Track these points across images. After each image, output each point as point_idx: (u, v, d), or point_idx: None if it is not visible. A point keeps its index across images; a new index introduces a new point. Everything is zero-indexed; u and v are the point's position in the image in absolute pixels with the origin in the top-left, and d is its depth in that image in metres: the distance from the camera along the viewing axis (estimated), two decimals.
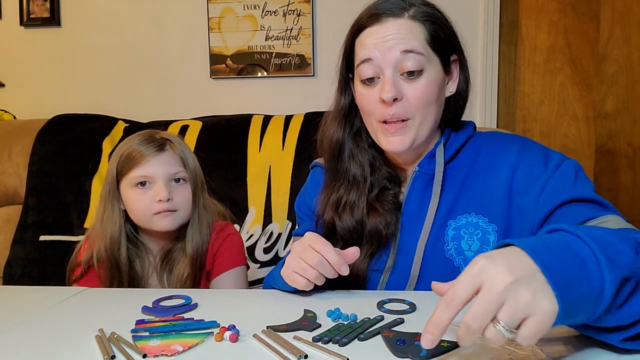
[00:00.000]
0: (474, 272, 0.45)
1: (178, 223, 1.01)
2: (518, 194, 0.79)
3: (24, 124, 1.78)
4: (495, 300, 0.42)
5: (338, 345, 0.56)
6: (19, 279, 1.50)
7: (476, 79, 1.98)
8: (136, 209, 0.99)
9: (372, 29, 0.80)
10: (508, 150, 0.83)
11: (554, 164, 0.78)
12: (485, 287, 0.43)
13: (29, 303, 0.75)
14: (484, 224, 0.80)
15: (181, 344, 0.57)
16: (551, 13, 2.02)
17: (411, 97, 0.78)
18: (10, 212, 1.65)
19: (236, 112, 1.77)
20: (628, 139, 2.03)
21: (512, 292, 0.42)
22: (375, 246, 0.85)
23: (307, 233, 0.75)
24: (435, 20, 0.81)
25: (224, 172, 1.57)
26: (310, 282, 0.72)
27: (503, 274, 0.43)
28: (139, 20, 2.10)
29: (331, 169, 0.91)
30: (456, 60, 0.85)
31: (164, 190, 0.97)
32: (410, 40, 0.78)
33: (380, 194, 0.86)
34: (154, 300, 0.74)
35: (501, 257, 0.45)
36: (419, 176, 0.85)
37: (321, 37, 2.02)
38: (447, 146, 0.86)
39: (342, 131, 0.89)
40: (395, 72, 0.78)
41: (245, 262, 1.10)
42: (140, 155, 0.98)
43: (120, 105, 2.09)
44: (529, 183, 0.78)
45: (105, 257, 0.98)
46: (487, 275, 0.44)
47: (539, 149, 0.82)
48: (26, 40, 2.15)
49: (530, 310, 0.42)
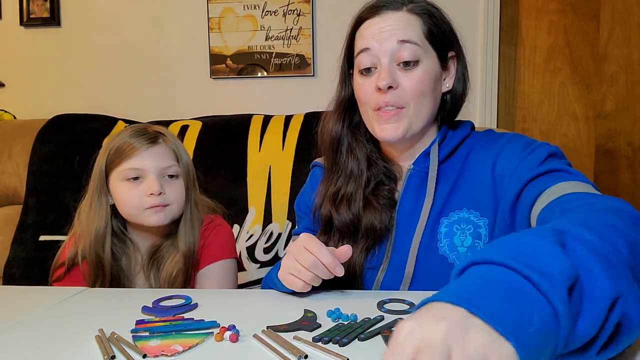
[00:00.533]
0: (400, 339, 0.36)
1: (170, 218, 0.98)
2: (500, 183, 0.79)
3: (24, 124, 1.77)
4: (439, 352, 0.33)
5: (338, 345, 0.56)
6: (19, 279, 1.50)
7: (476, 79, 1.98)
8: (126, 202, 0.96)
9: (372, 21, 0.82)
10: (494, 144, 0.84)
11: (530, 148, 0.78)
12: (422, 347, 0.34)
13: (29, 303, 0.75)
14: (476, 218, 0.80)
15: (181, 344, 0.57)
16: (551, 13, 2.02)
17: (406, 86, 0.80)
18: (10, 212, 1.65)
19: (236, 112, 1.77)
20: (628, 139, 2.03)
21: (456, 337, 0.34)
22: (371, 241, 0.85)
23: (302, 234, 0.76)
24: (433, 15, 0.83)
25: (224, 172, 1.57)
26: (306, 284, 0.73)
27: (435, 324, 0.35)
28: (139, 20, 2.10)
29: (330, 161, 0.92)
30: (454, 56, 0.87)
31: (155, 183, 0.94)
32: (407, 31, 0.80)
33: (376, 189, 0.87)
34: (154, 300, 0.74)
35: (425, 313, 0.37)
36: (414, 174, 0.86)
37: (321, 37, 2.02)
38: (443, 145, 0.86)
39: (342, 124, 0.91)
40: (391, 62, 0.81)
41: (234, 255, 1.06)
42: (131, 148, 0.95)
43: (120, 105, 2.09)
44: (506, 169, 0.78)
45: (89, 253, 0.95)
46: (419, 335, 0.35)
47: (525, 139, 0.82)
48: (26, 40, 2.15)
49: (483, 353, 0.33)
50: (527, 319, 0.36)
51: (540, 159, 0.74)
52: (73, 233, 1.01)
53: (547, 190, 0.68)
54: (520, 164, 0.76)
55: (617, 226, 0.48)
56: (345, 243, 0.84)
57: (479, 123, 1.99)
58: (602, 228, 0.47)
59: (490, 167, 0.81)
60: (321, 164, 0.97)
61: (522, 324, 0.35)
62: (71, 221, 1.03)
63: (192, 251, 1.00)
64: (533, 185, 0.71)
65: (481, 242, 0.79)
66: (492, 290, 0.38)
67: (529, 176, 0.72)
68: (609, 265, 0.42)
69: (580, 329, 0.39)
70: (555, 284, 0.38)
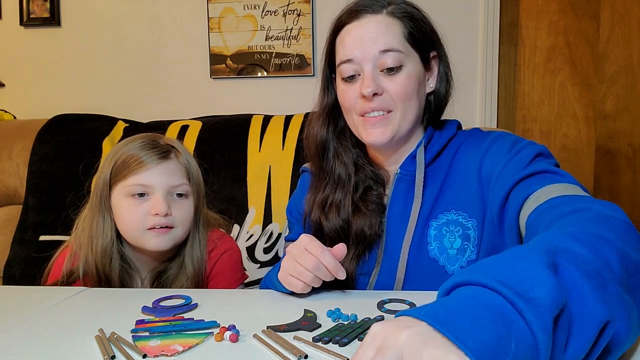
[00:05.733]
0: (367, 340, 0.38)
1: (173, 242, 0.90)
2: (486, 183, 0.78)
3: (24, 124, 1.77)
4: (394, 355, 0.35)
5: (338, 345, 0.56)
6: (19, 279, 1.50)
7: (476, 79, 1.98)
8: (127, 221, 0.88)
9: (352, 25, 0.82)
10: (480, 144, 0.83)
11: (516, 149, 0.77)
12: (381, 348, 0.36)
13: (29, 303, 0.75)
14: (464, 220, 0.80)
15: (181, 344, 0.57)
16: (551, 13, 2.02)
17: (392, 91, 0.80)
18: (10, 212, 1.65)
19: (236, 112, 1.77)
20: (628, 139, 2.03)
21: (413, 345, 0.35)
22: (362, 247, 0.85)
23: (303, 235, 0.75)
24: (413, 17, 0.82)
25: (224, 172, 1.57)
26: (307, 285, 0.72)
27: (398, 331, 0.36)
28: (139, 20, 2.10)
29: (317, 168, 0.91)
30: (436, 57, 0.86)
31: (162, 203, 0.87)
32: (388, 38, 0.79)
33: (364, 194, 0.87)
34: (154, 300, 0.74)
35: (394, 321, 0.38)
36: (401, 178, 0.86)
37: (321, 37, 2.02)
38: (429, 147, 0.86)
39: (326, 130, 0.90)
40: (375, 69, 0.80)
41: (243, 278, 1.02)
42: (139, 162, 0.87)
43: (120, 105, 2.09)
44: (493, 170, 0.78)
45: (96, 272, 0.89)
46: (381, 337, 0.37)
47: (511, 138, 0.81)
48: (26, 40, 2.15)
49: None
50: (503, 345, 0.35)
51: (527, 159, 0.73)
52: (67, 246, 0.95)
53: (535, 193, 0.67)
54: (506, 166, 0.75)
55: (608, 237, 0.48)
56: None
57: (479, 123, 1.99)
58: (594, 241, 0.46)
59: (476, 168, 0.80)
60: (310, 169, 0.97)
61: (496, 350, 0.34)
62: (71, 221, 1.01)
63: (200, 271, 0.94)
64: (520, 188, 0.70)
65: (470, 243, 0.79)
66: (472, 312, 0.37)
67: (516, 178, 0.71)
68: (601, 285, 0.41)
69: (569, 353, 0.39)
70: (542, 312, 0.37)
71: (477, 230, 0.79)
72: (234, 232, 1.51)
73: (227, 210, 1.26)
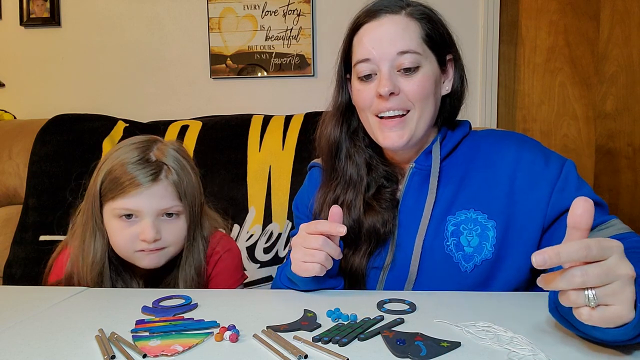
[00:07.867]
0: (606, 244, 0.48)
1: (165, 259, 0.90)
2: (522, 192, 0.80)
3: (24, 124, 1.77)
4: (611, 276, 0.47)
5: (338, 345, 0.56)
6: (19, 279, 1.50)
7: (476, 79, 1.98)
8: (116, 241, 0.88)
9: (370, 25, 0.82)
10: (507, 147, 0.84)
11: (557, 164, 0.80)
12: (609, 261, 0.47)
13: (29, 303, 0.75)
14: (483, 220, 0.80)
15: (181, 344, 0.57)
16: (551, 13, 2.02)
17: (409, 91, 0.80)
18: (10, 212, 1.65)
19: (236, 112, 1.77)
20: (628, 139, 2.03)
21: (622, 280, 0.47)
22: (374, 244, 0.85)
23: (301, 225, 0.77)
24: (431, 18, 0.82)
25: (224, 172, 1.57)
26: (322, 265, 0.73)
27: (630, 268, 0.48)
28: (139, 20, 2.10)
29: (328, 167, 0.91)
30: (451, 60, 0.86)
31: (150, 230, 0.85)
32: (405, 40, 0.79)
33: (377, 193, 0.87)
34: (154, 300, 0.74)
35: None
36: (416, 172, 0.86)
37: (321, 37, 2.02)
38: (444, 144, 0.87)
39: (340, 130, 0.90)
40: (392, 69, 0.80)
41: (243, 278, 1.02)
42: (129, 184, 0.85)
43: (120, 105, 2.09)
44: (534, 181, 0.79)
45: (86, 282, 0.89)
46: (616, 258, 0.48)
47: (535, 146, 0.84)
48: (26, 40, 2.15)
49: (618, 299, 0.47)
50: None
51: (575, 178, 0.79)
52: (65, 245, 0.96)
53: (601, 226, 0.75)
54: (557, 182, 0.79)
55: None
56: (347, 248, 0.84)
57: (479, 123, 1.99)
58: None
59: (507, 174, 0.81)
60: (319, 164, 0.97)
61: None
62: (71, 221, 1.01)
63: (199, 276, 0.94)
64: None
65: (488, 243, 0.79)
66: None
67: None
68: None
69: None
70: None
71: (497, 231, 0.79)
72: (234, 232, 1.51)
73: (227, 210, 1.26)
